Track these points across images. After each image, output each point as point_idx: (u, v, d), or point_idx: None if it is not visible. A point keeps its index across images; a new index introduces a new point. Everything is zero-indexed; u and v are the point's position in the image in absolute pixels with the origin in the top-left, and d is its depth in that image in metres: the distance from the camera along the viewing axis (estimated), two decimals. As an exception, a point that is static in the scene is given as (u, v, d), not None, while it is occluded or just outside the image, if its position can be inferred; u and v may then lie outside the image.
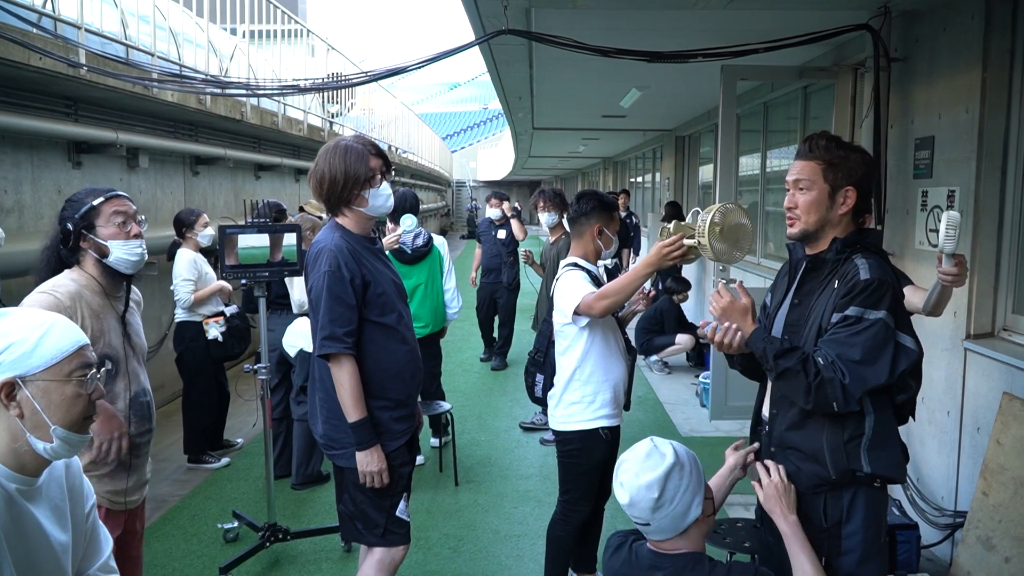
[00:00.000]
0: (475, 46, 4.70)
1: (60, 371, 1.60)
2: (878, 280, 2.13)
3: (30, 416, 1.58)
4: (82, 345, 1.65)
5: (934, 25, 4.22)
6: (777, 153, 7.72)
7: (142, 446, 2.66)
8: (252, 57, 9.73)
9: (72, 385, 1.61)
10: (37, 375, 1.58)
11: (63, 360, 1.60)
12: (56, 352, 1.59)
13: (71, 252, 2.59)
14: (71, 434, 1.62)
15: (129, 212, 2.64)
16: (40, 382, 1.58)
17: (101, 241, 2.57)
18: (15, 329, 1.58)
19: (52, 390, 1.59)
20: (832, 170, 2.22)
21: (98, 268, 2.59)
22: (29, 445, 1.59)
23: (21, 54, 4.80)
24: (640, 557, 2.11)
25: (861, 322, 2.11)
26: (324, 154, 2.83)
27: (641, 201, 16.32)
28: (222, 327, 5.35)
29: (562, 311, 3.26)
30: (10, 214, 5.45)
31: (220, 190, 8.95)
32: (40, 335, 1.59)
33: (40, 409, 1.58)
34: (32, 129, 5.51)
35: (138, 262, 2.64)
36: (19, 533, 1.61)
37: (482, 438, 6.18)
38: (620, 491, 2.06)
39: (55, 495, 1.74)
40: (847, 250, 2.22)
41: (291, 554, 4.15)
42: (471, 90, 63.47)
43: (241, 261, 3.77)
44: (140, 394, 2.66)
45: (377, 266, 2.86)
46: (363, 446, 2.76)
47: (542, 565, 3.58)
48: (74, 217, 2.57)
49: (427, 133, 27.33)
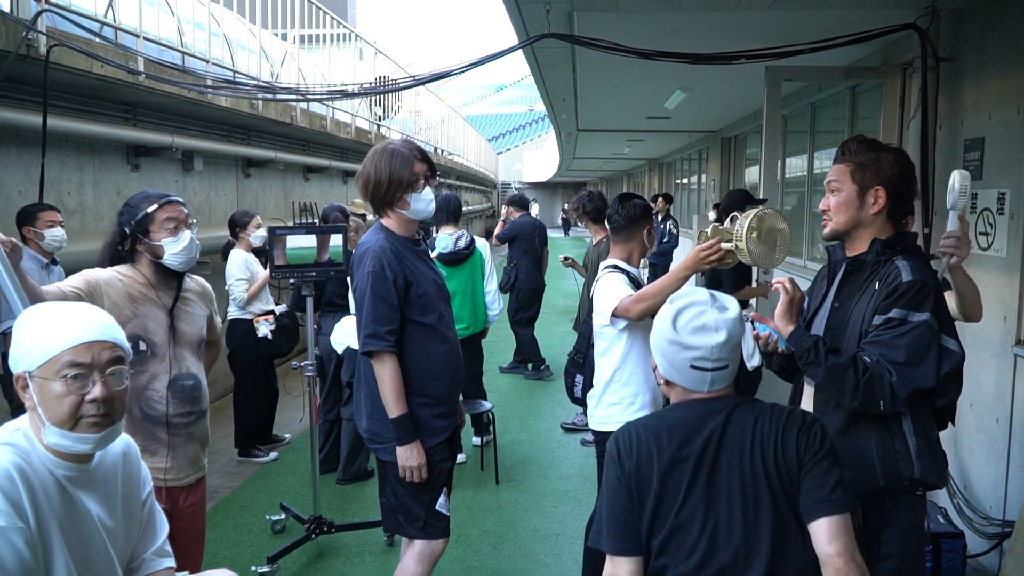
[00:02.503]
0: (517, 50, 4.76)
1: (50, 369, 1.65)
2: (921, 282, 2.12)
3: (33, 411, 1.67)
4: (78, 345, 1.67)
5: (983, 24, 4.16)
6: (824, 154, 7.63)
7: (182, 426, 2.77)
8: (302, 62, 9.93)
9: (57, 383, 1.64)
10: (35, 372, 1.65)
11: (52, 359, 1.65)
12: (47, 349, 1.65)
13: (129, 253, 2.77)
14: (64, 432, 1.65)
15: (181, 217, 2.79)
16: (37, 378, 1.65)
17: (155, 244, 2.73)
18: (27, 329, 1.68)
19: (44, 387, 1.65)
20: (860, 171, 2.24)
21: (152, 267, 2.76)
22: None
23: (84, 62, 5.01)
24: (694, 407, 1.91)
25: (905, 324, 2.10)
26: (371, 156, 2.93)
27: (687, 203, 16.22)
28: (272, 325, 5.50)
29: (601, 313, 3.30)
30: (73, 215, 5.67)
31: (270, 192, 9.17)
32: (40, 332, 1.66)
33: (37, 404, 1.65)
34: (94, 134, 5.74)
35: (189, 260, 2.80)
36: (71, 520, 1.68)
37: (523, 438, 6.24)
38: (705, 333, 1.84)
39: (108, 481, 1.82)
40: (887, 251, 2.22)
41: (335, 546, 4.26)
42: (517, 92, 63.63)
43: (289, 261, 3.89)
44: (182, 377, 2.78)
45: (420, 267, 2.94)
46: (403, 441, 2.84)
47: (580, 564, 3.62)
48: (131, 223, 2.75)
49: (473, 135, 27.48)
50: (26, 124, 4.95)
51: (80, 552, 1.70)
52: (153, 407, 2.75)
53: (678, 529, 1.78)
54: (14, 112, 4.85)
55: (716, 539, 1.77)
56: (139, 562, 1.96)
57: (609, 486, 1.87)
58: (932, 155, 4.45)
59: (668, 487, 1.80)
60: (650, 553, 1.81)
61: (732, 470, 1.80)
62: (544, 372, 8.30)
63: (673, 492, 1.80)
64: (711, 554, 1.77)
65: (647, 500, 1.80)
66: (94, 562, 1.75)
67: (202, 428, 2.88)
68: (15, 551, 1.53)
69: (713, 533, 1.77)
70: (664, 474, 1.81)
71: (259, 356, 5.60)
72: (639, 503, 1.82)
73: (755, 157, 10.46)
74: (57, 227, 4.41)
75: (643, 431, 1.87)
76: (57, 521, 1.64)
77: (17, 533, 1.54)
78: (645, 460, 1.83)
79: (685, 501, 1.79)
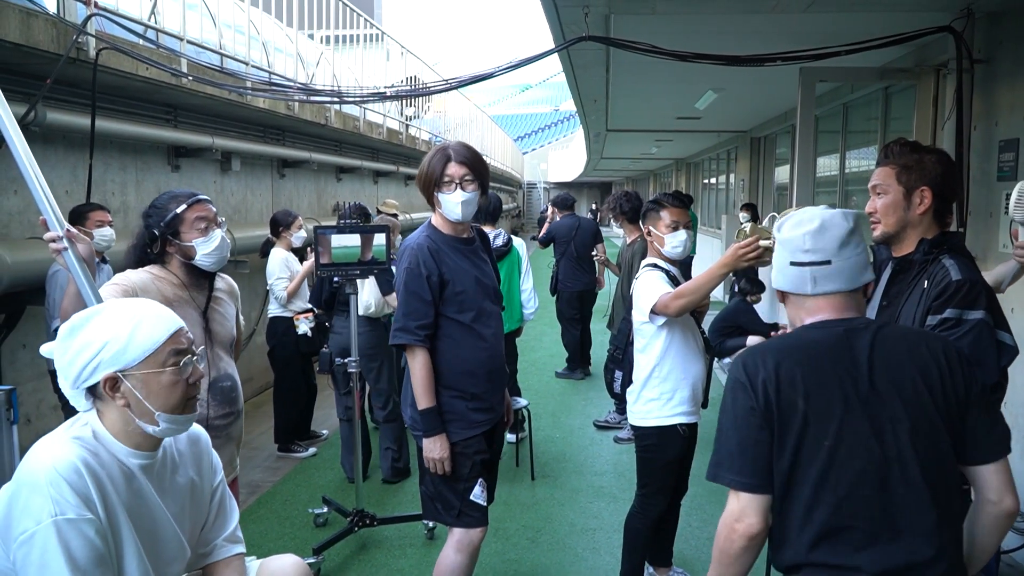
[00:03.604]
0: (555, 53, 4.83)
1: (155, 361, 1.73)
2: (970, 280, 2.15)
3: (135, 404, 1.72)
4: (173, 333, 1.76)
5: (1018, 26, 4.17)
6: (857, 154, 7.62)
7: (222, 428, 2.78)
8: (335, 64, 10.07)
9: (168, 373, 1.74)
10: (134, 368, 1.71)
11: (156, 351, 1.73)
12: (148, 344, 1.72)
13: (159, 255, 2.73)
14: (174, 416, 1.76)
15: (211, 216, 2.75)
16: (139, 373, 1.71)
17: (186, 244, 2.70)
18: (109, 327, 1.72)
19: (150, 380, 1.72)
20: (906, 172, 2.29)
21: (183, 268, 2.73)
22: (140, 428, 1.75)
23: (131, 65, 5.15)
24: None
25: (962, 324, 2.12)
26: (431, 151, 3.03)
27: (715, 202, 16.17)
28: (312, 323, 5.62)
29: (640, 310, 3.36)
30: (116, 214, 5.80)
31: (304, 192, 9.31)
32: (131, 330, 1.71)
33: (142, 398, 1.72)
34: (138, 135, 5.89)
35: (221, 260, 2.78)
36: (141, 507, 1.77)
37: (556, 435, 6.31)
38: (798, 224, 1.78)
39: (176, 468, 1.90)
40: (934, 251, 2.25)
41: (377, 539, 4.36)
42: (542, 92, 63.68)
43: (334, 259, 3.99)
44: (221, 379, 2.79)
45: (462, 265, 2.98)
46: (428, 433, 2.92)
47: (617, 558, 3.68)
48: (160, 224, 2.69)
49: (499, 135, 27.56)
50: (74, 126, 5.09)
51: (150, 538, 1.78)
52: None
53: (832, 460, 1.63)
54: (63, 114, 4.98)
55: (888, 469, 1.62)
56: (211, 547, 2.04)
57: (738, 416, 1.71)
58: (967, 156, 4.47)
59: (816, 412, 1.64)
60: (789, 488, 1.66)
61: (892, 393, 1.66)
62: (575, 374, 8.32)
63: (822, 418, 1.64)
64: (883, 487, 1.62)
65: (790, 429, 1.65)
66: (164, 547, 1.82)
67: (238, 428, 2.91)
68: (87, 541, 1.61)
69: (883, 461, 1.62)
70: (810, 397, 1.65)
71: (298, 353, 5.72)
72: (781, 432, 1.66)
73: (785, 157, 10.44)
74: (106, 227, 4.53)
75: (778, 352, 1.72)
76: (126, 510, 1.72)
77: (88, 524, 1.62)
78: (787, 382, 1.66)
79: (842, 428, 1.63)
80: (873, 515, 1.61)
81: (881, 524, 1.61)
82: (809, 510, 1.64)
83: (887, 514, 1.61)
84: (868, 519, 1.61)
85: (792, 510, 1.66)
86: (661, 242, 3.50)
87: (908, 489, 1.61)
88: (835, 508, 1.61)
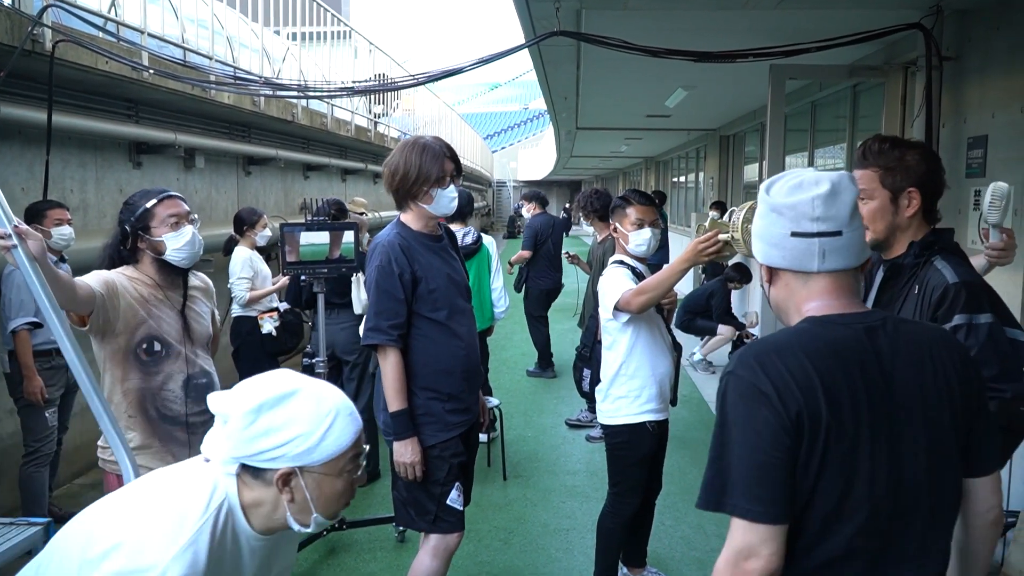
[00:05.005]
0: (526, 48, 4.78)
1: (335, 465, 1.58)
2: (969, 282, 2.06)
3: (299, 503, 1.57)
4: (358, 437, 1.62)
5: (987, 23, 4.20)
6: (825, 152, 7.68)
7: (200, 425, 2.74)
8: (302, 60, 9.93)
9: (343, 480, 1.60)
10: (315, 468, 1.56)
11: (340, 455, 1.58)
12: (336, 448, 1.57)
13: (131, 252, 2.74)
14: (327, 520, 1.62)
15: (182, 212, 2.76)
16: (316, 475, 1.57)
17: (156, 240, 2.71)
18: (302, 420, 1.55)
19: (324, 483, 1.58)
20: (890, 174, 2.16)
21: (155, 265, 2.74)
22: (286, 521, 1.60)
23: (90, 58, 5.00)
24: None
25: (974, 330, 2.02)
26: (402, 148, 2.94)
27: (684, 201, 16.26)
28: (276, 322, 5.50)
29: (605, 307, 3.33)
30: (75, 212, 5.64)
31: (271, 190, 9.17)
32: (325, 429, 1.55)
33: (311, 499, 1.57)
34: (98, 131, 5.73)
35: (192, 256, 2.78)
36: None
37: (528, 434, 6.26)
38: (803, 189, 1.50)
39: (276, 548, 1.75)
40: (925, 253, 2.15)
41: (347, 543, 4.27)
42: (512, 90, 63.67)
43: (301, 258, 3.89)
44: (196, 375, 2.79)
45: (433, 262, 2.93)
46: (399, 436, 2.85)
47: (591, 558, 3.65)
48: (130, 220, 2.71)
49: (469, 133, 27.49)
50: (30, 120, 4.93)
51: None
52: (170, 407, 2.75)
53: (851, 486, 1.40)
54: (18, 108, 4.82)
55: (905, 496, 1.43)
56: None
57: (760, 432, 1.39)
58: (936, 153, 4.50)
59: (840, 430, 1.40)
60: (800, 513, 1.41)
61: (915, 410, 1.46)
62: (547, 372, 8.30)
63: (847, 437, 1.40)
64: (898, 515, 1.44)
65: (815, 448, 1.39)
66: None
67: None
68: None
69: (901, 487, 1.43)
70: (839, 411, 1.40)
71: (264, 353, 5.60)
72: (808, 452, 1.39)
73: (753, 155, 10.51)
74: (65, 225, 4.40)
75: (803, 355, 1.42)
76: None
77: None
78: (806, 390, 1.39)
79: (865, 448, 1.40)
80: (884, 543, 1.45)
81: (890, 551, 1.46)
82: (819, 537, 1.43)
83: (899, 541, 1.46)
84: (878, 547, 1.45)
85: (798, 537, 1.44)
86: (626, 239, 3.48)
87: (922, 515, 1.46)
88: (847, 538, 1.42)
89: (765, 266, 1.58)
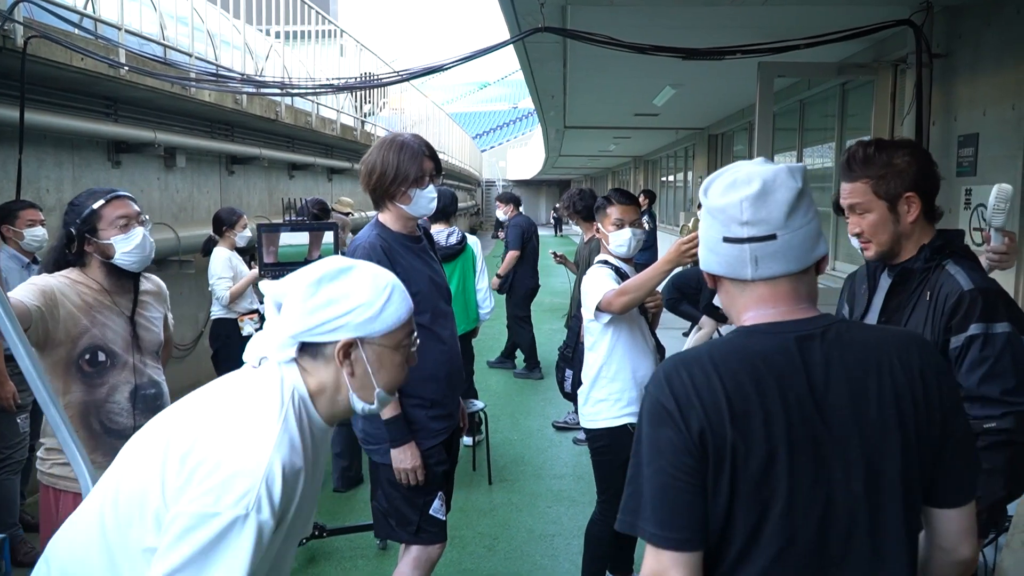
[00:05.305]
0: (510, 44, 4.70)
1: (394, 338, 1.60)
2: (985, 288, 1.98)
3: (360, 376, 1.59)
4: (411, 315, 1.66)
5: (978, 20, 4.14)
6: (813, 151, 7.63)
7: None
8: (286, 58, 9.82)
9: (400, 352, 1.63)
10: (375, 339, 1.58)
11: (399, 327, 1.61)
12: (396, 320, 1.59)
13: (77, 256, 2.58)
14: (388, 396, 1.65)
15: (131, 213, 2.62)
16: (376, 346, 1.59)
17: (104, 243, 2.56)
18: (363, 290, 1.57)
19: (384, 355, 1.60)
20: (883, 183, 2.05)
21: (103, 269, 2.60)
22: (348, 401, 1.61)
23: (64, 55, 4.88)
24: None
25: (991, 341, 1.94)
26: (379, 147, 2.85)
27: (673, 200, 16.22)
28: (257, 324, 5.41)
29: (587, 307, 3.28)
30: (52, 213, 5.52)
31: (255, 189, 9.05)
32: (385, 300, 1.58)
33: (371, 372, 1.59)
34: (74, 129, 5.60)
35: (143, 260, 2.64)
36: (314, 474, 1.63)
37: (515, 437, 6.18)
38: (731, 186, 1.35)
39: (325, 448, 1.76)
40: (936, 257, 2.06)
41: (327, 551, 4.18)
42: (500, 89, 63.57)
43: (280, 259, 3.79)
44: (144, 386, 2.66)
45: (415, 264, 2.85)
46: (397, 443, 2.77)
47: (577, 565, 3.57)
48: (76, 222, 2.55)
49: (457, 132, 27.40)
50: (2, 118, 4.81)
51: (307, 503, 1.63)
52: (115, 420, 2.61)
53: (766, 517, 1.26)
54: (-10, 106, 4.72)
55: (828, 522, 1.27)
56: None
57: (661, 451, 1.28)
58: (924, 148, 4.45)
59: (755, 453, 1.26)
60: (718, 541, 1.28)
61: (846, 423, 1.29)
62: (535, 373, 8.22)
63: (762, 462, 1.26)
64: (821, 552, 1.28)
65: (723, 471, 1.26)
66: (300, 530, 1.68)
67: None
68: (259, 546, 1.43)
69: (823, 514, 1.27)
70: (749, 433, 1.26)
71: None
72: (716, 474, 1.26)
73: (742, 154, 10.47)
74: (38, 226, 4.31)
75: (714, 368, 1.29)
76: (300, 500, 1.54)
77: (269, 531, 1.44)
78: (711, 407, 1.26)
79: (783, 476, 1.25)
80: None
81: None
82: (736, 564, 1.29)
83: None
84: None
85: (717, 563, 1.30)
86: (607, 240, 3.43)
87: (861, 552, 1.29)
88: (762, 569, 1.28)
89: (705, 272, 1.45)
